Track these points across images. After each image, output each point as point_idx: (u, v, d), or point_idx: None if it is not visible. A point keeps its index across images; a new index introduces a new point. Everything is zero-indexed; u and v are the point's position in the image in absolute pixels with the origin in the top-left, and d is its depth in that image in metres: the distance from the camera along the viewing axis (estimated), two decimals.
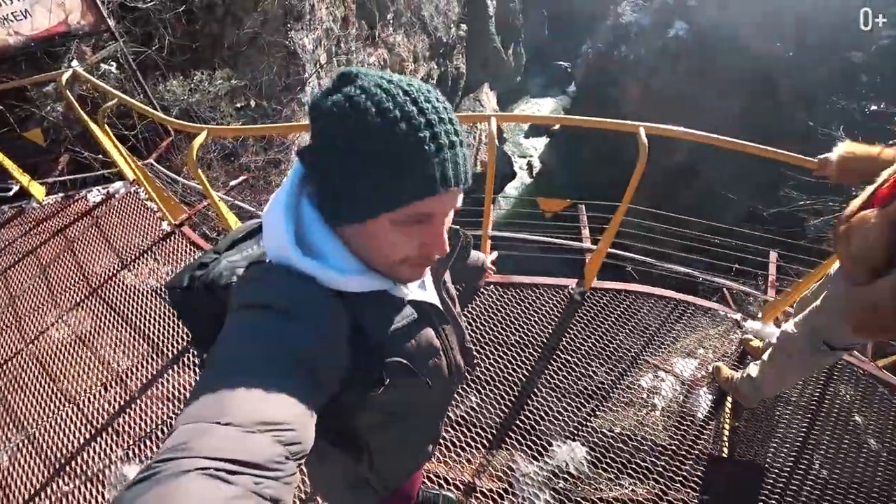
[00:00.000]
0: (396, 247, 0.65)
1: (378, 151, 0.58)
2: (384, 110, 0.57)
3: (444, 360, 0.85)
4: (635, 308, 2.81)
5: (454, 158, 0.61)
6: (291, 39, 7.59)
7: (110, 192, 4.18)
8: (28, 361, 3.01)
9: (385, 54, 10.72)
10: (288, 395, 0.51)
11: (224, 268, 0.73)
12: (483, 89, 17.08)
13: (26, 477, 2.47)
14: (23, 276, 3.61)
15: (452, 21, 13.14)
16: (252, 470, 0.43)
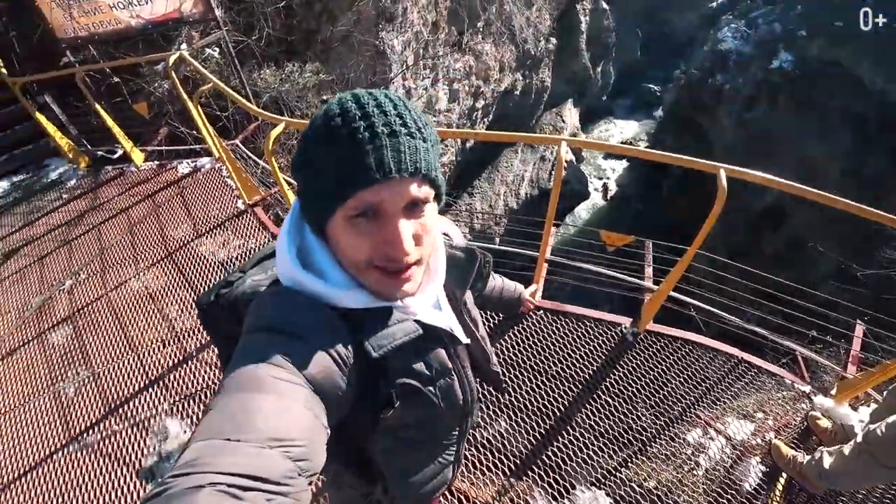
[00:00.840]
0: (355, 246, 0.64)
1: (319, 150, 0.62)
2: (327, 112, 0.62)
3: (457, 381, 0.83)
4: (692, 358, 2.59)
5: (395, 146, 0.60)
6: (382, 40, 7.85)
7: (197, 165, 4.52)
8: (105, 308, 3.32)
9: (472, 61, 10.81)
10: (298, 414, 0.53)
11: (248, 286, 0.75)
12: (566, 105, 16.73)
13: (85, 410, 2.73)
14: (113, 231, 4.00)
15: (542, 34, 12.99)
16: (263, 485, 0.44)
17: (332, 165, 0.60)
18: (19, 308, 3.53)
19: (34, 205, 4.62)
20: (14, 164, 5.13)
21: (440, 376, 0.78)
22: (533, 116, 14.66)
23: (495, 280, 1.29)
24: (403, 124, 0.61)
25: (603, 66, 18.36)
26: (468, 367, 0.87)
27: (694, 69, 12.79)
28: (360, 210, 0.61)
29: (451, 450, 0.95)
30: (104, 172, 4.77)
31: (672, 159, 2.02)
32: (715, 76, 11.85)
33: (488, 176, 12.89)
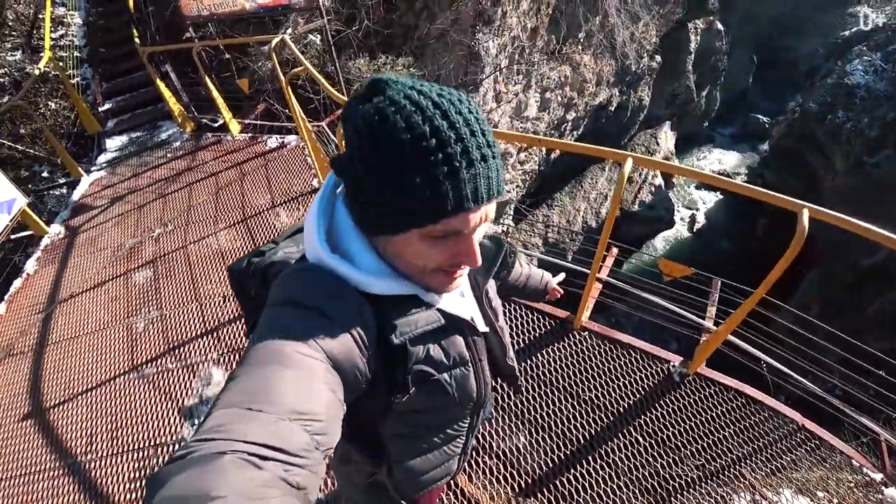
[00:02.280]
0: (427, 258, 0.65)
1: (407, 168, 0.57)
2: (413, 125, 0.56)
3: (472, 372, 0.83)
4: (744, 413, 2.34)
5: (486, 173, 0.59)
6: (477, 41, 7.90)
7: (284, 142, 4.82)
8: (182, 258, 3.66)
9: (567, 71, 10.57)
10: (318, 389, 0.54)
11: (279, 257, 0.77)
12: (663, 127, 15.82)
13: (148, 345, 3.04)
14: (202, 191, 4.40)
15: (646, 50, 12.39)
16: (282, 455, 0.45)
17: (424, 191, 0.58)
18: (115, 247, 4.01)
19: (143, 159, 5.21)
20: (134, 122, 5.82)
21: (456, 365, 0.79)
22: (626, 135, 14.02)
23: (522, 268, 1.27)
24: (489, 145, 0.60)
25: (709, 90, 17.13)
26: (485, 360, 0.88)
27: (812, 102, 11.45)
28: (443, 233, 0.62)
29: (459, 441, 0.95)
30: (204, 138, 5.26)
31: (749, 191, 1.83)
32: (836, 112, 10.55)
33: (570, 190, 12.51)
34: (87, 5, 6.74)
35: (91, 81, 6.17)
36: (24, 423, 2.82)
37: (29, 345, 3.35)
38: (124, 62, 6.11)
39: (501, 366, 0.99)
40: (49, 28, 5.46)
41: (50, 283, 3.85)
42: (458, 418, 0.90)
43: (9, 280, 4.08)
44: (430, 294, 0.74)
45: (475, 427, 0.97)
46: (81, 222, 4.51)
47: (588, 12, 9.29)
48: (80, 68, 6.04)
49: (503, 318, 0.97)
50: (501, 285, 1.18)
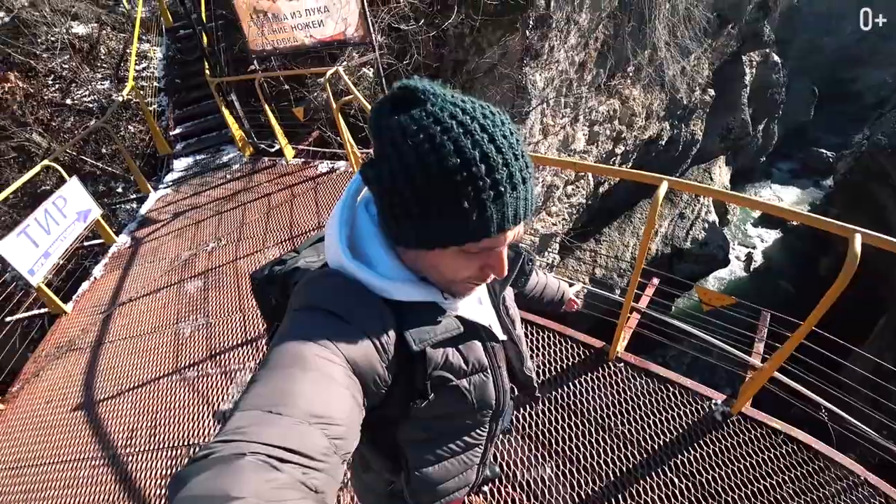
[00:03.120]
0: (458, 271, 0.67)
1: (455, 191, 0.57)
2: (462, 149, 0.56)
3: (491, 379, 0.83)
4: (798, 461, 2.14)
5: (525, 195, 0.62)
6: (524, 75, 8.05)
7: (334, 167, 5.05)
8: (231, 272, 3.87)
9: (616, 104, 10.53)
10: (338, 393, 0.55)
11: (301, 266, 0.79)
12: (717, 162, 15.29)
13: (192, 350, 3.20)
14: (254, 211, 4.66)
15: (698, 84, 12.16)
16: (301, 458, 0.46)
17: (467, 212, 0.58)
18: (172, 258, 4.30)
19: (205, 179, 5.61)
20: (200, 145, 6.32)
21: (475, 371, 0.79)
22: (677, 169, 13.64)
23: (538, 276, 1.27)
24: (527, 166, 0.61)
25: (766, 123, 16.47)
26: (503, 367, 0.87)
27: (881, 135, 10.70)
28: (480, 250, 0.64)
29: (477, 450, 0.94)
30: (260, 162, 5.61)
31: (792, 215, 1.74)
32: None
33: (619, 225, 12.24)
34: (168, 42, 7.49)
35: (166, 108, 6.79)
36: (76, 412, 3.02)
37: (88, 342, 3.62)
38: (195, 91, 6.69)
39: (519, 376, 0.97)
40: (134, 61, 6.10)
41: (112, 288, 4.17)
42: (476, 426, 0.89)
43: (79, 282, 4.46)
44: (449, 301, 0.75)
45: (494, 437, 0.96)
46: (145, 234, 4.88)
47: (636, 46, 9.29)
48: (157, 96, 6.67)
49: (521, 327, 0.96)
50: (519, 294, 1.18)
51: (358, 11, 4.34)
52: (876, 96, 19.40)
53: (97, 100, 6.25)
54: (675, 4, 9.38)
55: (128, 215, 5.62)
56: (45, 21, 6.41)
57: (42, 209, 3.91)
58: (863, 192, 11.34)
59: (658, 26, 9.15)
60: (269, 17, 4.72)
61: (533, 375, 1.00)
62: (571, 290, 1.39)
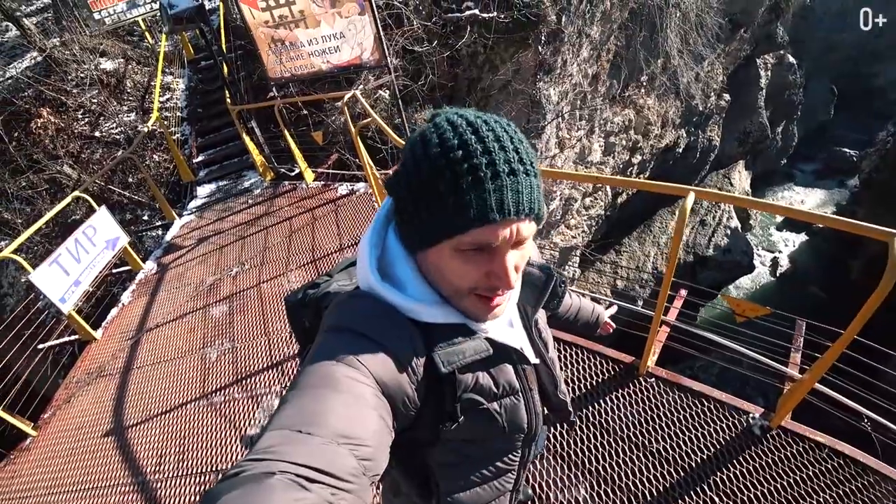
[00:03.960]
0: (460, 275, 0.66)
1: (435, 178, 0.60)
2: (444, 139, 0.60)
3: (523, 402, 0.81)
4: (846, 476, 2.03)
5: (514, 186, 0.60)
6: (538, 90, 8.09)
7: (354, 189, 5.11)
8: (255, 296, 3.91)
9: (631, 115, 10.48)
10: (367, 414, 0.55)
11: (332, 289, 0.80)
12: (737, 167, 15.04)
13: (219, 374, 3.22)
14: (277, 234, 4.73)
15: (713, 89, 12.04)
16: (329, 479, 0.46)
17: (449, 200, 0.60)
18: (197, 283, 4.38)
19: (227, 205, 5.74)
20: (222, 172, 6.49)
21: (506, 395, 0.78)
22: (696, 176, 13.46)
23: (571, 299, 1.24)
24: (521, 161, 0.61)
25: (785, 125, 16.17)
26: (535, 390, 0.86)
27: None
28: (472, 246, 0.62)
29: (510, 476, 0.91)
30: (281, 186, 5.72)
31: (827, 220, 1.68)
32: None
33: (639, 235, 12.08)
34: (190, 73, 7.77)
35: (189, 137, 7.01)
36: (107, 438, 3.05)
37: (117, 368, 3.68)
38: (217, 120, 6.90)
39: (553, 400, 0.95)
40: (158, 93, 6.33)
41: (140, 314, 4.25)
42: (508, 450, 0.87)
43: (107, 309, 4.56)
44: (480, 323, 0.73)
45: (527, 462, 0.93)
46: (171, 260, 4.99)
47: (649, 56, 9.27)
48: (180, 126, 6.90)
49: (553, 350, 0.94)
50: (551, 317, 1.15)
51: (373, 36, 4.43)
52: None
53: (124, 131, 6.49)
54: (686, 12, 9.36)
55: (154, 242, 5.77)
56: (75, 59, 6.72)
57: (73, 239, 4.04)
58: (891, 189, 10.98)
59: (670, 34, 9.13)
60: (287, 45, 4.86)
61: (567, 399, 0.98)
62: (606, 312, 1.36)
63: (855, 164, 17.01)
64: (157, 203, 5.88)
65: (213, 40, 5.56)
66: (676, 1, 8.91)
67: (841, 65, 20.03)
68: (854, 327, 1.74)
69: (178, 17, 4.50)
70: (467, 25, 6.09)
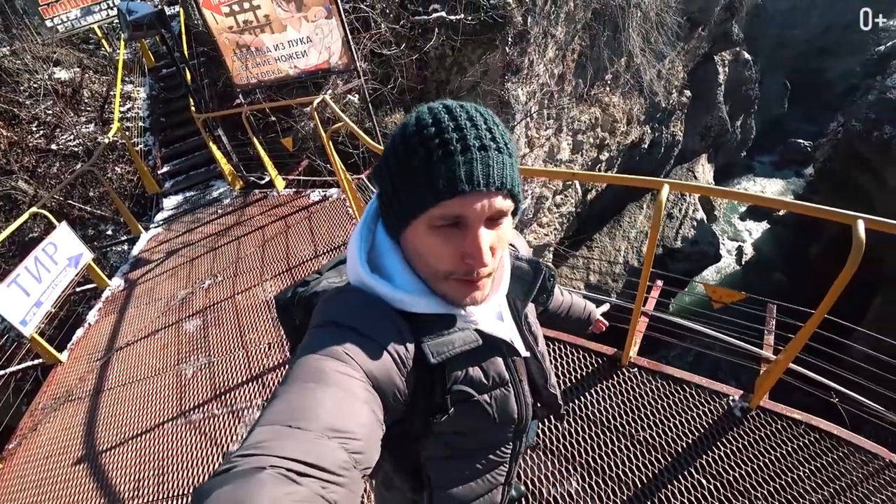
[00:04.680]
0: (436, 255, 0.66)
1: (409, 156, 0.63)
2: (419, 119, 0.63)
3: (513, 393, 0.81)
4: (819, 449, 2.12)
5: (484, 160, 0.61)
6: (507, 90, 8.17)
7: (326, 195, 5.03)
8: (230, 308, 3.80)
9: (597, 113, 10.70)
10: (357, 408, 0.55)
11: (323, 287, 0.79)
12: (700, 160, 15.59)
13: (196, 391, 3.11)
14: (249, 244, 4.62)
15: (675, 86, 12.43)
16: (320, 473, 0.46)
17: (421, 173, 0.61)
18: (168, 297, 4.23)
19: (196, 216, 5.57)
20: (189, 182, 6.30)
21: (496, 386, 0.78)
22: (662, 171, 13.84)
23: (563, 296, 1.25)
24: (493, 139, 0.62)
25: (743, 119, 16.85)
26: (525, 381, 0.86)
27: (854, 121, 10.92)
28: (445, 220, 0.63)
29: (501, 469, 0.91)
30: (252, 195, 5.58)
31: (796, 206, 1.75)
32: (882, 128, 10.00)
33: (609, 231, 12.35)
34: (151, 81, 7.51)
35: (152, 147, 6.77)
36: (79, 466, 2.90)
37: (86, 391, 3.52)
38: (181, 129, 6.70)
39: (543, 393, 0.95)
40: (118, 102, 6.10)
41: (108, 333, 4.07)
42: (499, 442, 0.87)
43: (72, 330, 4.35)
44: (468, 314, 0.74)
45: (518, 455, 0.94)
46: (139, 275, 4.81)
47: (613, 55, 9.49)
48: (143, 136, 6.67)
49: (543, 344, 0.95)
50: (543, 312, 1.16)
51: (341, 39, 4.39)
52: (845, 84, 19.99)
53: (83, 143, 6.22)
54: (646, 11, 9.63)
55: (119, 257, 5.55)
56: (27, 68, 6.41)
57: (32, 257, 3.84)
58: (844, 177, 11.56)
59: (632, 34, 9.38)
60: (253, 50, 4.76)
61: (557, 392, 0.99)
62: (599, 310, 1.37)
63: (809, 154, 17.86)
64: (121, 217, 5.66)
65: (174, 47, 5.40)
66: (637, 1, 9.15)
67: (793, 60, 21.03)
68: (823, 307, 1.82)
69: (138, 23, 4.34)
70: (435, 28, 6.09)
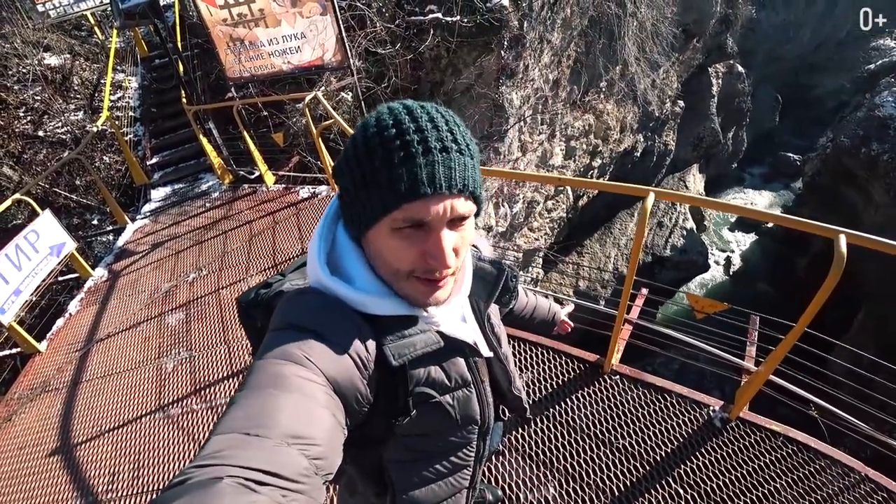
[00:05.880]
0: (398, 256, 0.65)
1: (370, 158, 0.62)
2: (379, 120, 0.62)
3: (475, 394, 0.81)
4: (797, 462, 2.15)
5: (447, 163, 0.61)
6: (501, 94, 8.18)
7: (315, 192, 5.00)
8: (214, 302, 3.76)
9: (591, 119, 10.76)
10: (317, 413, 0.54)
11: (286, 288, 0.77)
12: (691, 170, 15.76)
13: (176, 385, 3.07)
14: (236, 239, 4.58)
15: (669, 96, 12.56)
16: (279, 481, 0.45)
17: (383, 175, 0.60)
18: (152, 290, 4.18)
19: (184, 209, 5.51)
20: (178, 174, 6.23)
21: (458, 387, 0.78)
22: (653, 179, 13.97)
23: (528, 297, 1.25)
24: (454, 140, 0.62)
25: (735, 131, 17.06)
26: (486, 382, 0.86)
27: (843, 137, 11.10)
28: (407, 222, 0.62)
29: (465, 472, 0.91)
30: (241, 189, 5.54)
31: (780, 219, 1.78)
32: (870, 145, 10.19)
33: (600, 237, 12.43)
34: (143, 71, 7.43)
35: (142, 138, 6.69)
36: (52, 458, 2.85)
37: (63, 382, 3.46)
38: (172, 120, 6.63)
39: (508, 396, 0.96)
40: (109, 91, 6.02)
41: (89, 323, 4.01)
42: (462, 444, 0.87)
43: (53, 319, 4.28)
44: (430, 316, 0.73)
45: (482, 457, 0.93)
46: (123, 266, 4.74)
47: (608, 62, 9.56)
48: (133, 126, 6.58)
49: (507, 345, 0.95)
50: (509, 313, 1.16)
51: (335, 37, 4.37)
52: (836, 100, 20.35)
53: (70, 131, 6.13)
54: (642, 21, 9.71)
55: (104, 248, 5.47)
56: (17, 52, 6.30)
57: (13, 245, 3.77)
58: (832, 192, 11.75)
59: (627, 42, 9.45)
60: (247, 44, 4.72)
61: (523, 395, 0.99)
62: (563, 310, 1.37)
63: (799, 168, 18.12)
64: (107, 207, 5.58)
65: (167, 37, 5.34)
66: (633, 10, 9.22)
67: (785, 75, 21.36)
68: (804, 320, 1.84)
69: (130, 12, 4.29)
70: (430, 29, 6.09)
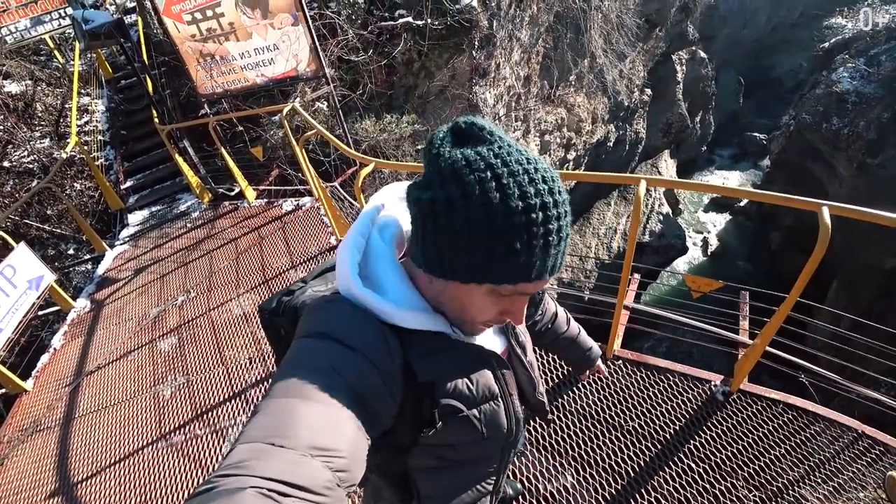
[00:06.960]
0: (483, 311, 0.67)
1: (509, 232, 0.57)
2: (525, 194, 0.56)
3: (503, 407, 0.80)
4: (797, 426, 2.22)
5: (564, 249, 0.63)
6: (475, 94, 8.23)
7: (299, 204, 4.95)
8: (206, 324, 3.68)
9: (563, 113, 10.90)
10: (341, 424, 0.54)
11: (308, 296, 0.77)
12: (662, 156, 16.13)
13: (176, 412, 3.00)
14: (222, 258, 4.49)
15: (636, 85, 12.83)
16: (302, 493, 0.45)
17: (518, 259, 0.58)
18: (140, 317, 4.07)
19: (164, 231, 5.38)
20: (154, 196, 6.09)
21: (486, 400, 0.77)
22: (627, 168, 14.25)
23: (570, 325, 1.22)
24: (569, 223, 0.62)
25: (702, 115, 17.53)
26: (515, 395, 0.85)
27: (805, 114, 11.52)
28: (511, 293, 0.63)
29: (490, 479, 0.91)
30: (222, 207, 5.44)
31: (766, 196, 1.84)
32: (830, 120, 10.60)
33: (579, 228, 12.60)
34: (109, 93, 7.23)
35: (114, 162, 6.51)
36: (52, 500, 2.75)
37: (55, 419, 3.34)
38: (144, 141, 6.47)
39: (531, 401, 0.96)
40: (75, 116, 5.84)
41: (76, 357, 3.88)
42: (488, 454, 0.87)
43: (37, 356, 4.12)
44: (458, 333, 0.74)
45: (507, 464, 0.93)
46: (106, 295, 4.61)
47: (576, 56, 9.71)
48: (103, 150, 6.40)
49: (532, 353, 0.95)
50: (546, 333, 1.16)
51: (309, 47, 4.33)
52: (794, 80, 21.15)
53: (38, 159, 5.93)
54: (606, 14, 9.89)
55: (83, 278, 5.30)
56: None
57: None
58: (798, 168, 12.16)
59: (594, 35, 9.61)
60: (217, 59, 4.65)
61: (545, 399, 0.99)
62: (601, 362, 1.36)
63: (765, 146, 18.71)
64: (83, 235, 5.41)
65: (134, 56, 5.21)
66: (598, 3, 9.39)
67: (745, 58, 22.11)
68: (796, 291, 1.90)
69: (95, 33, 4.17)
70: (402, 33, 6.10)
